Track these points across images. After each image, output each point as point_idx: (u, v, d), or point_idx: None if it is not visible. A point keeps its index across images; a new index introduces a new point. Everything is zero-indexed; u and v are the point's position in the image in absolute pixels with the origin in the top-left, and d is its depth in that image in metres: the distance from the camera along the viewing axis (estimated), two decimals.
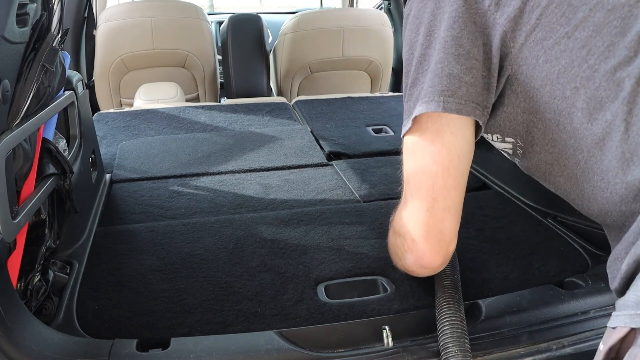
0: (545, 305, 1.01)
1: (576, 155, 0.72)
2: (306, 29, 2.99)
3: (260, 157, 1.94)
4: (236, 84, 3.00)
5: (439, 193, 0.79)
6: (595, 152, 0.69)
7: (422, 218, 0.82)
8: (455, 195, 0.80)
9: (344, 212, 1.49)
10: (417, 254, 0.87)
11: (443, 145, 0.77)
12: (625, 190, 0.66)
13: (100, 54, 2.81)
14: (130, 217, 1.50)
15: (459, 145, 0.77)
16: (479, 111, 0.76)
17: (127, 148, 2.03)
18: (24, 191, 1.03)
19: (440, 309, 0.91)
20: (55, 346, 0.90)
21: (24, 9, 0.98)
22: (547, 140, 0.76)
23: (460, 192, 0.81)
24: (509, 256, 1.26)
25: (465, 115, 0.75)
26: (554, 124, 0.73)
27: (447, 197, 0.79)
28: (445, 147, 0.77)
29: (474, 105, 0.74)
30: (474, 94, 0.74)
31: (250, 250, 1.29)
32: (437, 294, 0.97)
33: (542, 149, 0.78)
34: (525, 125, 0.78)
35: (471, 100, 0.74)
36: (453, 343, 0.84)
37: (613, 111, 0.66)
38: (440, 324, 0.89)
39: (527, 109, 0.76)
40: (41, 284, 1.04)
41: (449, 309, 0.90)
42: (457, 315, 0.88)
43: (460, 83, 0.73)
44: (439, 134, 0.77)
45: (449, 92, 0.74)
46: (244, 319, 1.04)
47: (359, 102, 2.65)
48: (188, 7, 2.93)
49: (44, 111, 1.11)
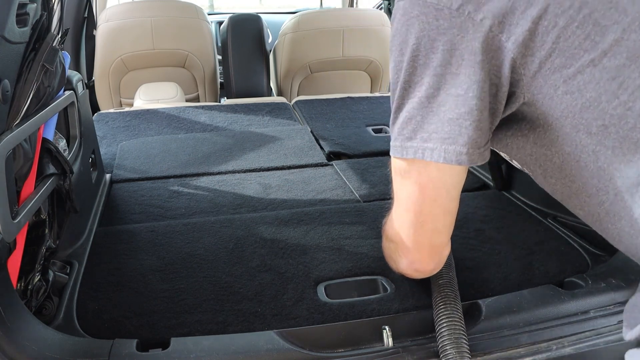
0: (545, 305, 1.01)
1: (599, 195, 0.65)
2: (306, 29, 2.99)
3: (260, 157, 1.94)
4: (236, 84, 3.00)
5: (427, 218, 0.78)
6: (625, 196, 0.62)
7: (412, 235, 0.81)
8: (444, 219, 0.78)
9: (344, 212, 1.49)
10: (410, 259, 0.87)
11: (430, 179, 0.73)
12: None
13: (100, 54, 2.81)
14: (130, 217, 1.50)
15: (448, 179, 0.73)
16: (476, 155, 0.68)
17: (127, 148, 2.03)
18: (24, 191, 1.03)
19: (437, 310, 0.91)
20: (55, 346, 0.90)
21: (24, 9, 0.98)
22: (565, 175, 0.69)
23: (450, 215, 0.79)
24: (509, 256, 1.26)
25: (464, 164, 0.69)
26: (574, 159, 0.65)
27: (436, 221, 0.78)
28: (433, 182, 0.73)
29: (472, 150, 0.67)
30: (474, 137, 0.66)
31: (250, 250, 1.29)
32: (434, 294, 0.97)
33: (559, 181, 0.71)
34: (535, 159, 0.72)
35: (471, 146, 0.67)
36: (451, 345, 0.84)
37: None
38: (438, 325, 0.89)
39: (539, 142, 0.69)
40: (41, 284, 1.04)
41: (445, 309, 0.89)
42: (454, 315, 0.88)
43: (460, 129, 0.65)
44: (427, 169, 0.72)
45: (450, 140, 0.66)
46: (244, 319, 1.04)
47: (359, 102, 2.65)
48: (188, 7, 2.93)
49: (44, 111, 1.11)
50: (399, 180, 0.78)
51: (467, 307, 1.02)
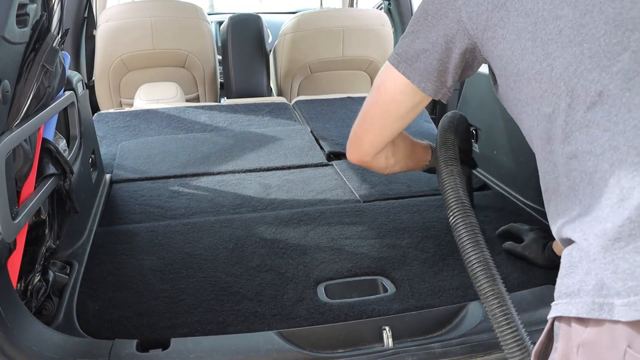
0: (545, 305, 1.01)
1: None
2: (306, 29, 2.99)
3: (260, 157, 1.94)
4: (236, 84, 3.00)
5: (368, 118, 1.02)
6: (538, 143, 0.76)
7: (355, 126, 1.06)
8: (379, 123, 1.00)
9: (344, 212, 1.49)
10: (347, 145, 1.09)
11: (390, 87, 0.93)
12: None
13: (100, 54, 2.81)
14: (130, 217, 1.50)
15: (397, 94, 0.92)
16: (431, 87, 0.87)
17: (127, 148, 2.03)
18: (24, 191, 1.03)
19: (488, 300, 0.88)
20: (55, 346, 0.90)
21: (24, 9, 0.98)
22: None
23: (384, 122, 1.00)
24: (509, 257, 1.26)
25: (415, 86, 0.88)
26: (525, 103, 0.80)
27: (372, 121, 1.01)
28: (388, 90, 0.94)
29: (425, 81, 0.87)
30: (427, 69, 0.86)
31: (250, 250, 1.29)
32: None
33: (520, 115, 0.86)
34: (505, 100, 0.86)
35: (424, 76, 0.87)
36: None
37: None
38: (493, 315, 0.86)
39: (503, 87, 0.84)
40: (41, 284, 1.04)
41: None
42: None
43: (419, 57, 0.86)
44: (393, 78, 0.91)
45: (410, 62, 0.87)
46: (244, 319, 1.04)
47: (359, 102, 2.64)
48: (188, 7, 2.93)
49: (44, 111, 1.11)
50: (375, 83, 0.98)
51: (467, 307, 1.02)
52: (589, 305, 0.57)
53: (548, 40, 0.69)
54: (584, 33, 0.66)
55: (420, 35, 0.86)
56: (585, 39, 0.65)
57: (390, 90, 0.93)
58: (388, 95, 0.94)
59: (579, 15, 0.66)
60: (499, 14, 0.75)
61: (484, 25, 0.78)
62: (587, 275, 0.59)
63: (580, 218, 0.63)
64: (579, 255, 0.61)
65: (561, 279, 0.64)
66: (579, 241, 0.62)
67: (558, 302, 0.63)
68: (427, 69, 0.86)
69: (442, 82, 0.87)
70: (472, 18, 0.79)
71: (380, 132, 1.02)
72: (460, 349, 0.93)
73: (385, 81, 0.94)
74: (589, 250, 0.59)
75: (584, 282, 0.59)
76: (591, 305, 0.57)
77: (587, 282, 0.59)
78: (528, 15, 0.72)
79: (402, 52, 0.89)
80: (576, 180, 0.65)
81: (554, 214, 0.71)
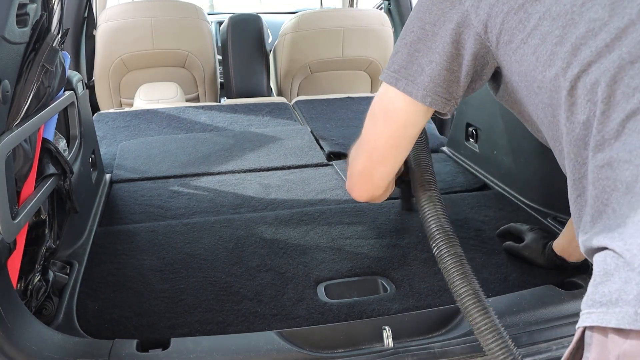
0: (545, 305, 1.01)
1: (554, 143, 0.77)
2: (306, 29, 2.99)
3: (260, 157, 1.94)
4: (236, 84, 3.00)
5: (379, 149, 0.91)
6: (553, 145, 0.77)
7: (361, 161, 0.94)
8: (393, 152, 0.91)
9: (344, 212, 1.49)
10: (349, 184, 0.98)
11: (395, 110, 0.86)
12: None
13: (100, 54, 2.81)
14: (130, 217, 1.50)
15: (407, 116, 0.85)
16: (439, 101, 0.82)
17: (127, 148, 2.03)
18: (24, 191, 1.03)
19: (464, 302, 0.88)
20: (55, 346, 0.90)
21: (24, 9, 0.98)
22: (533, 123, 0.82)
23: (398, 150, 0.91)
24: (509, 256, 1.26)
25: (420, 103, 0.82)
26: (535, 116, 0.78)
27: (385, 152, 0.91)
28: (396, 114, 0.86)
29: (430, 93, 0.81)
30: (431, 83, 0.81)
31: (250, 250, 1.29)
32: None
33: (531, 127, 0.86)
34: (518, 112, 0.85)
35: (430, 90, 0.81)
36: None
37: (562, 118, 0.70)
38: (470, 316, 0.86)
39: (511, 98, 0.83)
40: (41, 284, 1.04)
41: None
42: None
43: (422, 71, 0.81)
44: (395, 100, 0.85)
45: (412, 78, 0.81)
46: (244, 319, 1.04)
47: (359, 102, 2.65)
48: (188, 7, 2.93)
49: (44, 111, 1.11)
50: (371, 111, 0.90)
51: None
52: (631, 316, 0.55)
53: (580, 45, 0.65)
54: (622, 37, 0.63)
55: (420, 47, 0.80)
56: (625, 43, 0.62)
57: (401, 116, 0.85)
58: (399, 121, 0.86)
59: (615, 18, 0.63)
60: (517, 16, 0.72)
61: (499, 29, 0.74)
62: (626, 285, 0.56)
63: (618, 229, 0.60)
64: (615, 263, 0.59)
65: (595, 287, 0.61)
66: (621, 251, 0.59)
67: (592, 310, 0.60)
68: (435, 81, 0.80)
69: (450, 93, 0.81)
70: (484, 20, 0.75)
71: (393, 161, 0.93)
72: (460, 349, 0.93)
73: (388, 106, 0.86)
74: (632, 261, 0.57)
75: (624, 291, 0.56)
76: (634, 316, 0.54)
77: (627, 292, 0.56)
78: (554, 18, 0.68)
79: (400, 68, 0.82)
80: (607, 189, 0.62)
81: (583, 222, 0.68)
